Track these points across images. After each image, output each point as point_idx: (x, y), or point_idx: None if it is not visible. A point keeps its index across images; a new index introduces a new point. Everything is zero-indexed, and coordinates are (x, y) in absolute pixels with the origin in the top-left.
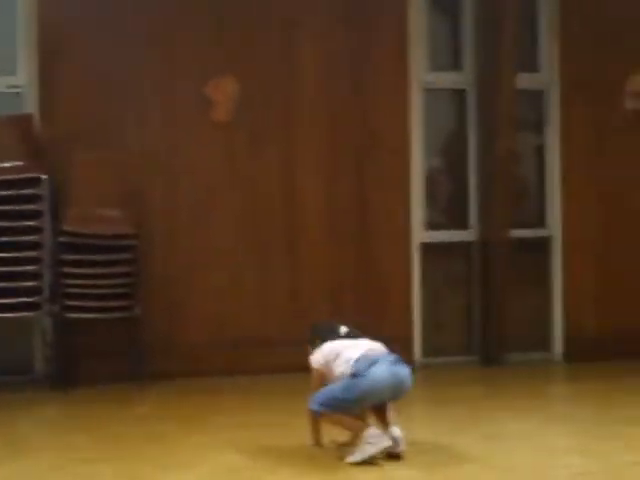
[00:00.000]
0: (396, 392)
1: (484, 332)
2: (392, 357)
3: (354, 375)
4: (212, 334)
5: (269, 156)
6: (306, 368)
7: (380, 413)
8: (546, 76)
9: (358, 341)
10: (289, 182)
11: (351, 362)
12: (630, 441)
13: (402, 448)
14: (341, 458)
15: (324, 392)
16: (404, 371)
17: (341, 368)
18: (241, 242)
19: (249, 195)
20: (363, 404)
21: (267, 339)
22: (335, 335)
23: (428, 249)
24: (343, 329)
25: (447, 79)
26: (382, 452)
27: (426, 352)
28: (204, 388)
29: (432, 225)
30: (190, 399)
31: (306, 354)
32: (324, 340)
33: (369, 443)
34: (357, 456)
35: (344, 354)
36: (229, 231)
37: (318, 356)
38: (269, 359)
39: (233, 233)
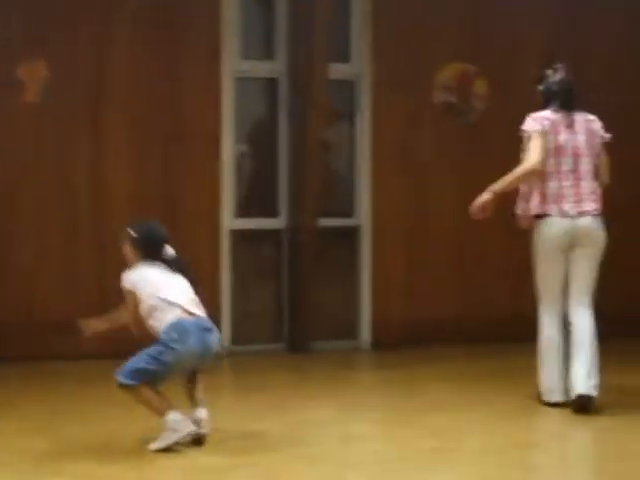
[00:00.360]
0: (204, 361)
1: (293, 320)
2: (205, 323)
3: (164, 343)
4: (20, 318)
5: (78, 140)
6: (114, 355)
7: (189, 391)
8: (357, 67)
9: (176, 284)
10: (98, 166)
11: (165, 325)
12: (431, 427)
13: (206, 431)
14: (146, 444)
15: (130, 364)
16: (214, 339)
17: (154, 324)
18: (48, 225)
19: (57, 178)
20: (170, 372)
21: (75, 325)
22: (158, 254)
23: (238, 236)
24: (169, 251)
25: (260, 68)
26: (186, 437)
27: (235, 340)
28: (12, 373)
29: (242, 212)
30: None
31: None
32: (144, 252)
33: (172, 430)
34: (161, 443)
35: (163, 313)
36: (36, 213)
37: (132, 278)
38: (77, 344)
39: (41, 215)
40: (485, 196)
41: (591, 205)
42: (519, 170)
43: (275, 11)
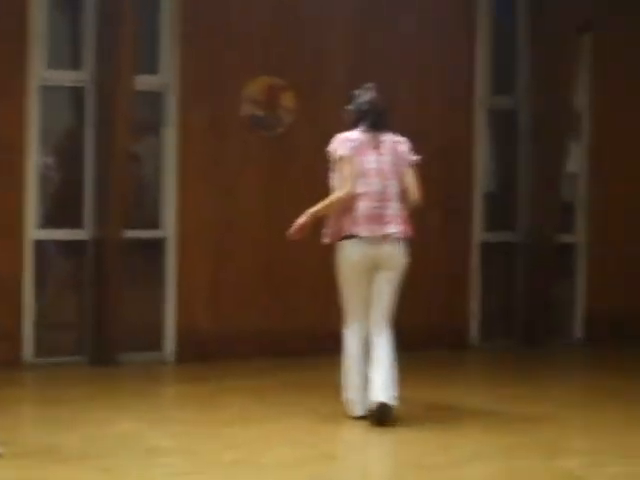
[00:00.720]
0: None
1: (97, 332)
2: None
3: None
4: None
5: None
6: None
7: None
8: (165, 78)
9: None
10: None
11: None
12: (234, 440)
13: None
14: None
15: None
16: None
17: None
18: None
19: None
20: None
21: None
22: None
23: (42, 247)
24: None
25: (66, 77)
26: None
27: (38, 352)
28: None
29: (47, 223)
30: None
31: None
32: None
33: None
34: None
35: None
36: None
37: None
38: None
39: None
40: (302, 219)
41: (395, 228)
42: (332, 198)
43: (82, 20)
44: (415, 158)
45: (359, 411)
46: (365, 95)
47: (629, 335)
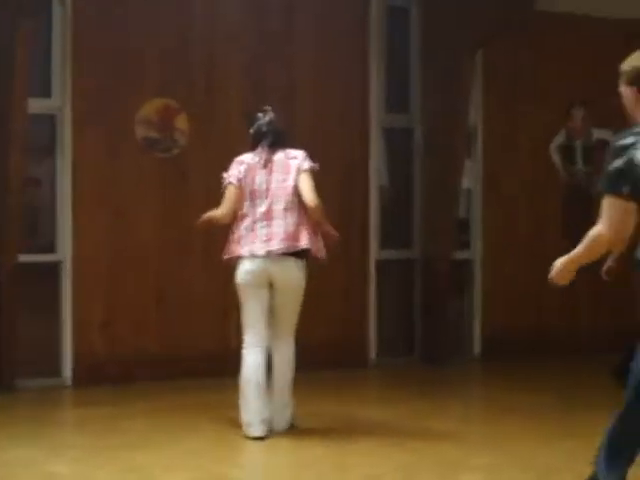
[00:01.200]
0: None
1: None
2: None
3: None
4: None
5: None
6: None
7: None
8: (58, 101)
9: None
10: None
11: None
12: (132, 465)
13: None
14: None
15: None
16: None
17: None
18: None
19: None
20: None
21: None
22: None
23: None
24: None
25: None
26: None
27: None
28: None
29: None
30: None
31: None
32: None
33: None
34: None
35: None
36: None
37: None
38: None
39: None
40: (207, 216)
41: (281, 244)
42: (214, 213)
43: None
44: (308, 166)
45: (255, 431)
46: (265, 117)
47: (523, 350)
